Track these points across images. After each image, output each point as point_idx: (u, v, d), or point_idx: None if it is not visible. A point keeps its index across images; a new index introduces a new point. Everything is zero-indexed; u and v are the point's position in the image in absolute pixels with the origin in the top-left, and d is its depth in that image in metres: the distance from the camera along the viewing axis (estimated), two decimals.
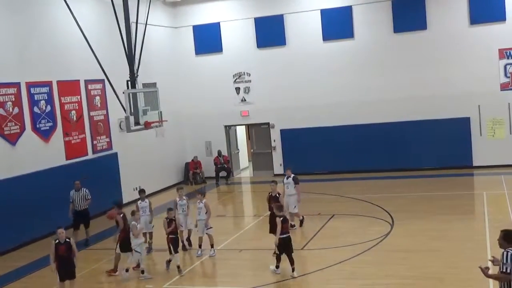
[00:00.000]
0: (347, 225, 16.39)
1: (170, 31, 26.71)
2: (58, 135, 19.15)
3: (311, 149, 25.31)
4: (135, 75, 16.66)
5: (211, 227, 14.81)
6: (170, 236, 13.58)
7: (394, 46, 24.21)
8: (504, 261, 7.94)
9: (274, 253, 13.13)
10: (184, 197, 15.31)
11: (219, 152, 26.26)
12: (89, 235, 17.43)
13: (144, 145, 22.98)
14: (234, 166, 27.63)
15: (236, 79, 26.59)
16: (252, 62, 26.18)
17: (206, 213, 14.72)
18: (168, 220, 13.70)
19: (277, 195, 15.12)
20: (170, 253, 13.55)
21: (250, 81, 26.40)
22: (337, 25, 24.78)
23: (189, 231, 15.48)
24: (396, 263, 13.08)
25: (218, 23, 26.46)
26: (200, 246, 14.80)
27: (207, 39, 26.60)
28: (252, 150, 28.06)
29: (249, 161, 29.64)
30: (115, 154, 21.85)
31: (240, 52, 26.30)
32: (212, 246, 14.71)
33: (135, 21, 16.94)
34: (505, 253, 7.98)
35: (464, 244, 13.98)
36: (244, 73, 26.46)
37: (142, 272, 13.41)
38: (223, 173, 26.21)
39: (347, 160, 24.73)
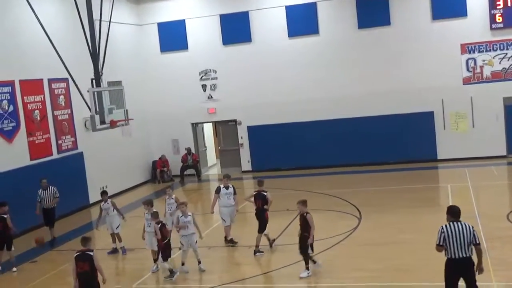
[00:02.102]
0: (315, 220, 16.40)
1: (135, 29, 26.46)
2: (21, 135, 18.80)
3: (278, 145, 25.40)
4: (100, 73, 16.46)
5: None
6: (164, 242, 12.76)
7: (358, 42, 24.44)
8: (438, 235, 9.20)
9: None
10: (172, 196, 15.10)
11: (189, 150, 26.10)
12: (54, 235, 17.37)
13: (110, 144, 22.74)
14: (202, 163, 27.53)
15: (202, 76, 26.50)
16: (218, 59, 26.12)
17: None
18: (159, 224, 12.74)
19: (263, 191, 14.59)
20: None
21: (216, 78, 26.33)
22: (302, 21, 24.90)
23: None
24: (365, 256, 13.22)
25: (183, 20, 26.31)
26: None
27: (172, 36, 26.44)
28: (219, 147, 28.01)
29: (216, 158, 29.59)
30: (81, 154, 21.57)
31: (206, 49, 26.21)
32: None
33: (98, 18, 16.72)
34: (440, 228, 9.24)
35: (430, 236, 14.09)
36: (210, 70, 26.38)
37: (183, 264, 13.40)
38: (190, 171, 26.08)
39: (314, 155, 24.89)
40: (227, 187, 15.12)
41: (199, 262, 13.29)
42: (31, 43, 19.12)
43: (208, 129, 29.05)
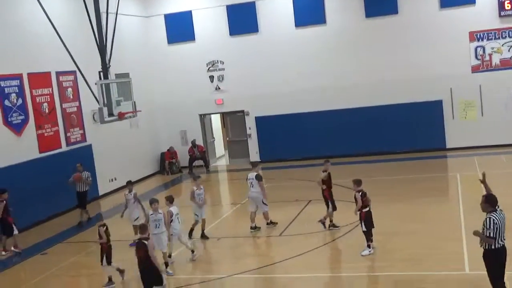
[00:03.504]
0: (323, 210, 16.46)
1: (142, 21, 26.44)
2: (30, 128, 18.88)
3: (286, 136, 25.37)
4: (107, 65, 16.47)
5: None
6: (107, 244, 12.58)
7: (366, 31, 24.32)
8: (488, 227, 8.71)
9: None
10: (201, 187, 15.07)
11: (193, 143, 26.11)
12: (84, 218, 18.24)
13: (119, 136, 22.80)
14: (210, 154, 27.56)
15: (210, 67, 26.48)
16: (225, 50, 26.07)
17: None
18: (104, 227, 12.51)
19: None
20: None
21: (223, 69, 26.30)
22: (309, 11, 24.80)
23: (204, 221, 15.18)
24: (374, 246, 13.20)
25: (190, 12, 26.26)
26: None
27: (179, 27, 26.40)
28: (227, 138, 28.02)
29: (225, 149, 29.60)
30: (89, 146, 21.64)
31: (212, 40, 26.17)
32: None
33: (105, 11, 16.71)
34: (487, 219, 8.75)
35: (439, 225, 14.18)
36: (217, 61, 26.35)
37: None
38: (198, 162, 26.12)
39: (323, 145, 24.82)
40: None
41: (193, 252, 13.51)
42: (38, 36, 19.15)
43: (216, 120, 29.05)
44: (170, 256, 13.17)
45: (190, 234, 15.03)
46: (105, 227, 12.44)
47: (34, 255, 15.43)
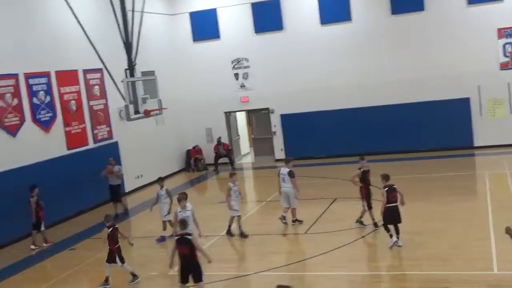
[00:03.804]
0: (349, 208, 16.41)
1: (167, 19, 26.59)
2: (58, 125, 19.13)
3: (311, 133, 25.31)
4: (133, 63, 16.62)
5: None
6: (116, 246, 12.46)
7: (392, 28, 24.10)
8: None
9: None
10: (236, 183, 15.17)
11: (219, 140, 26.20)
12: (118, 210, 18.82)
13: (145, 133, 22.97)
14: (235, 152, 27.61)
15: (235, 65, 26.52)
16: (250, 47, 26.09)
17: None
18: (110, 229, 12.37)
19: (369, 169, 14.75)
20: None
21: (248, 66, 26.32)
22: (334, 8, 24.66)
23: (239, 217, 15.23)
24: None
25: (215, 9, 26.32)
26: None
27: (205, 25, 26.48)
28: (252, 136, 28.04)
29: (250, 146, 29.64)
30: (116, 143, 21.84)
31: (237, 38, 26.20)
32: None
33: (131, 9, 16.85)
34: None
35: (467, 224, 14.03)
36: (242, 58, 26.38)
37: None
38: (224, 160, 26.21)
39: (347, 143, 24.69)
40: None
41: None
42: (66, 34, 19.39)
43: (241, 117, 29.10)
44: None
45: (230, 231, 15.03)
46: (111, 229, 12.34)
47: (63, 250, 15.65)
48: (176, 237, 10.74)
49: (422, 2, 23.54)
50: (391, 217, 12.84)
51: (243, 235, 14.92)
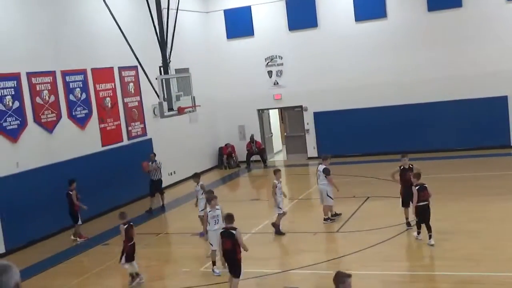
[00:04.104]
0: (382, 207, 16.28)
1: (202, 16, 26.73)
2: (93, 122, 19.43)
3: (344, 132, 25.14)
4: (168, 60, 16.74)
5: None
6: (130, 244, 12.42)
7: (428, 25, 23.77)
8: None
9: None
10: (280, 180, 15.19)
11: (252, 138, 26.25)
12: (164, 202, 19.55)
13: (178, 130, 23.14)
14: (268, 149, 27.62)
15: (268, 62, 26.51)
16: (284, 45, 26.05)
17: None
18: (126, 225, 12.36)
19: (410, 166, 14.59)
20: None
21: (282, 64, 26.28)
22: (369, 5, 24.44)
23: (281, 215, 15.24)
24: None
25: (249, 7, 26.35)
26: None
27: (239, 23, 26.54)
28: (285, 134, 28.02)
29: (282, 144, 29.61)
30: (150, 140, 22.07)
31: (271, 35, 26.18)
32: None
33: (166, 7, 16.99)
34: None
35: (502, 225, 13.77)
36: (276, 56, 26.36)
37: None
38: (256, 157, 26.24)
39: (381, 142, 24.48)
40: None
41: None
42: (101, 32, 19.67)
43: (274, 115, 29.09)
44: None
45: (278, 230, 14.95)
46: (126, 225, 12.33)
47: (97, 245, 15.90)
48: (221, 231, 10.90)
49: None
50: (422, 215, 12.81)
51: (280, 233, 14.86)
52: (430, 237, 12.73)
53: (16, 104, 16.50)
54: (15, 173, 16.25)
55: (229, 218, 10.89)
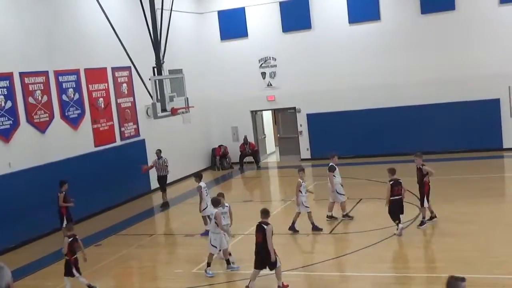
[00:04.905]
0: (374, 209, 16.30)
1: (195, 17, 26.70)
2: (86, 123, 19.37)
3: (337, 133, 25.15)
4: (161, 61, 16.74)
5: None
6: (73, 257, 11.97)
7: (421, 27, 23.85)
8: None
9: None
10: (304, 178, 15.22)
11: (245, 139, 26.23)
12: (166, 199, 19.69)
13: (171, 131, 23.09)
14: (261, 151, 27.61)
15: (262, 64, 26.52)
16: (277, 46, 26.06)
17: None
18: (71, 238, 11.91)
19: (422, 166, 14.66)
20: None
21: (276, 65, 26.30)
22: (363, 7, 24.48)
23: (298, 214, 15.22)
24: (425, 246, 13.00)
25: (243, 8, 26.36)
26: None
27: (232, 24, 26.53)
28: (278, 135, 28.03)
29: (275, 146, 29.62)
30: (143, 141, 22.02)
31: (265, 36, 26.19)
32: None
33: (160, 7, 16.97)
34: None
35: (495, 227, 13.82)
36: (269, 57, 26.37)
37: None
38: (249, 158, 26.23)
39: (374, 143, 24.54)
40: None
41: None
42: (94, 32, 19.61)
43: (267, 116, 29.09)
44: (230, 253, 13.05)
45: (315, 227, 14.92)
46: (71, 238, 11.89)
47: (89, 246, 15.81)
48: (257, 224, 11.29)
49: (452, 1, 23.24)
50: (394, 210, 13.51)
51: (317, 229, 14.80)
52: (397, 225, 13.47)
53: (9, 104, 16.44)
54: (7, 173, 16.18)
55: (264, 213, 11.32)
